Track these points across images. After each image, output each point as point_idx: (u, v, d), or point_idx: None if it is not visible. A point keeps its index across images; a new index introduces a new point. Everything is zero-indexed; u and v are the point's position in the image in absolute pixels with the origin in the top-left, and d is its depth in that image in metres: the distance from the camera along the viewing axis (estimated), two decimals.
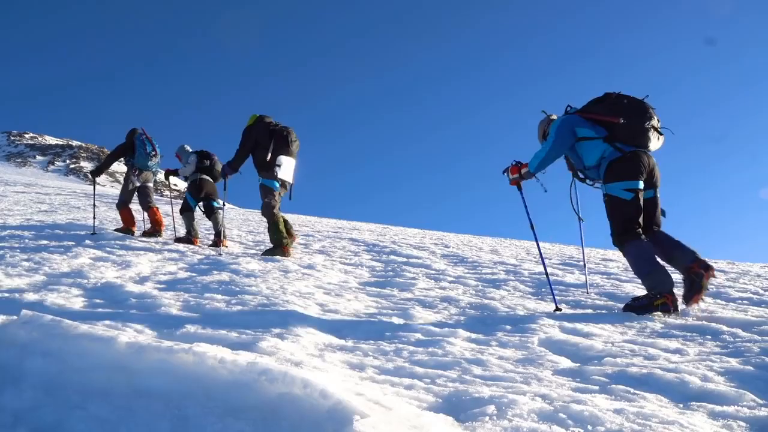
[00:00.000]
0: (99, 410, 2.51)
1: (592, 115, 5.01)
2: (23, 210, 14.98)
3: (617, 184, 4.84)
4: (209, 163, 9.70)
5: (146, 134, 9.77)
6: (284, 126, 8.07)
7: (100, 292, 5.06)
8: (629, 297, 5.52)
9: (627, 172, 4.83)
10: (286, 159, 7.89)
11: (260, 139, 7.90)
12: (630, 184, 4.81)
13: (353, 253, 8.74)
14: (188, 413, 2.46)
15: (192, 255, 7.58)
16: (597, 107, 5.05)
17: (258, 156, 7.96)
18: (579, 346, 3.76)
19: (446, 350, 3.59)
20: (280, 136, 7.90)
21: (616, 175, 4.86)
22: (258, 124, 7.98)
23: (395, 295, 5.41)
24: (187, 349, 2.77)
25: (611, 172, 4.88)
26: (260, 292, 5.19)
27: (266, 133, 7.89)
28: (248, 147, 7.97)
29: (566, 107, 5.27)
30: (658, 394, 2.87)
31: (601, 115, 4.96)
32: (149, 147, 9.66)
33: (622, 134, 4.87)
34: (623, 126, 4.84)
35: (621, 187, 4.82)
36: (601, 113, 4.96)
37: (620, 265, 8.24)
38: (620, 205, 4.83)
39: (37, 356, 2.92)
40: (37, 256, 6.95)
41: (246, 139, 7.97)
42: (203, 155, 9.79)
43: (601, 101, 5.06)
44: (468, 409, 2.55)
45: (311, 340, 3.72)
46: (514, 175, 5.33)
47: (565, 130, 5.00)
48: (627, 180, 4.81)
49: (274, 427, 2.32)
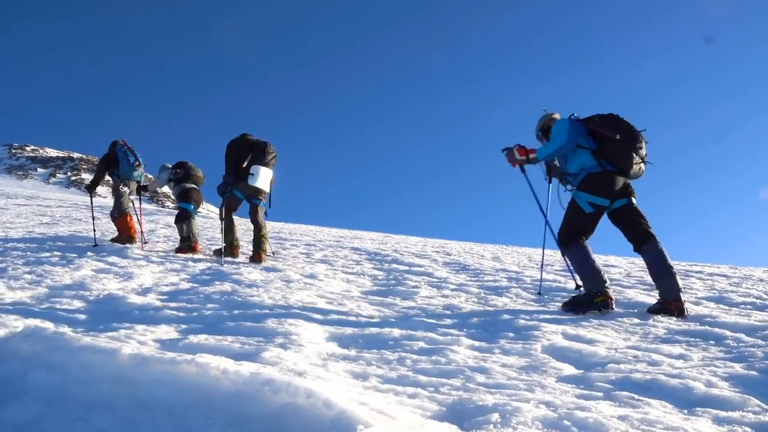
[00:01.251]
0: (102, 422, 2.51)
1: (593, 126, 5.24)
2: (25, 222, 14.99)
3: (586, 195, 5.14)
4: (183, 172, 9.89)
5: (128, 145, 9.99)
6: (263, 141, 8.58)
7: (102, 304, 5.06)
8: (632, 303, 5.52)
9: (600, 188, 5.12)
10: (262, 169, 8.36)
11: (242, 150, 8.41)
12: (597, 199, 5.12)
13: (355, 262, 8.73)
14: (192, 424, 2.46)
15: (194, 266, 7.58)
16: (599, 121, 5.27)
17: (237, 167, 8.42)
18: (582, 352, 3.76)
19: (449, 358, 3.58)
20: (258, 149, 8.43)
21: (589, 186, 5.15)
22: (240, 138, 8.53)
23: (398, 303, 5.40)
24: (190, 360, 2.77)
25: (587, 182, 5.17)
26: (262, 302, 5.18)
27: (246, 147, 8.44)
28: (234, 156, 8.42)
29: (571, 114, 5.45)
30: (662, 400, 2.86)
31: (601, 128, 5.19)
32: (132, 157, 9.91)
33: (610, 152, 5.13)
34: (615, 144, 5.10)
35: (587, 200, 5.14)
36: (603, 127, 5.19)
37: (622, 271, 8.23)
38: (579, 214, 5.19)
39: (40, 369, 2.92)
40: (40, 269, 6.95)
41: (231, 150, 8.46)
42: (177, 166, 10.01)
43: (605, 118, 5.29)
44: (472, 417, 2.55)
45: (314, 349, 3.71)
46: (522, 156, 5.59)
47: (574, 132, 5.21)
48: (596, 195, 5.12)
49: None
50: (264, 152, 8.40)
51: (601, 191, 5.12)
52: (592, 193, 5.13)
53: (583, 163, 5.24)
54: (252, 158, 8.33)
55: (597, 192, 5.12)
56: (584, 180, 5.19)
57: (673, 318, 4.81)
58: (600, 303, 5.02)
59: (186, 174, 9.87)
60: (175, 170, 9.90)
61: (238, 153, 8.37)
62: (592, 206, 5.13)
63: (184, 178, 9.88)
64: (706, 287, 6.75)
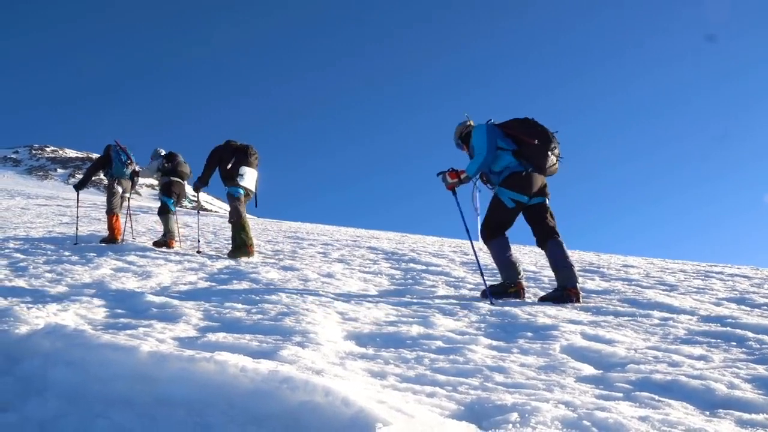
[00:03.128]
0: (122, 419, 2.52)
1: (513, 132, 5.80)
2: (45, 222, 15.16)
3: (508, 192, 5.67)
4: (171, 165, 10.56)
5: (120, 146, 10.70)
6: (246, 144, 9.11)
7: (121, 303, 5.09)
8: (652, 303, 5.47)
9: (520, 185, 5.65)
10: (248, 170, 8.92)
11: (224, 156, 8.95)
12: (517, 196, 5.65)
13: (372, 262, 8.73)
14: (210, 421, 2.46)
15: (212, 265, 7.61)
16: (517, 126, 5.83)
17: (221, 169, 8.97)
18: (601, 352, 3.73)
19: (467, 358, 3.56)
20: (241, 151, 8.97)
21: (511, 184, 5.67)
22: (223, 145, 9.09)
23: (415, 302, 5.39)
24: (209, 357, 2.77)
25: (509, 180, 5.69)
26: (280, 300, 5.19)
27: (230, 151, 8.99)
28: (214, 164, 9.01)
29: (488, 120, 5.97)
30: (683, 401, 2.82)
31: (519, 132, 5.76)
32: (124, 156, 10.61)
33: (528, 153, 5.69)
34: (533, 147, 5.67)
35: (509, 196, 5.66)
36: (521, 132, 5.76)
37: (641, 272, 8.16)
38: (501, 208, 5.72)
39: (60, 366, 2.95)
40: (60, 267, 7.02)
41: (212, 157, 9.00)
42: (166, 157, 10.66)
43: (522, 122, 5.85)
44: (491, 417, 2.53)
45: (332, 348, 3.71)
46: (453, 179, 6.00)
47: (493, 139, 5.74)
48: (517, 192, 5.65)
49: None
50: (246, 154, 8.95)
51: (522, 189, 5.64)
52: (513, 190, 5.64)
53: (507, 162, 5.72)
54: (236, 161, 8.86)
55: (518, 189, 5.63)
56: (507, 178, 5.69)
57: (690, 318, 4.76)
58: (513, 293, 5.65)
59: (173, 168, 10.55)
60: (165, 162, 10.56)
61: (220, 160, 8.93)
62: (514, 202, 5.66)
63: (171, 171, 10.55)
64: (727, 288, 6.68)
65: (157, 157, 10.71)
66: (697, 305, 5.45)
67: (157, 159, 10.67)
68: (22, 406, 2.65)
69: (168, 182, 10.54)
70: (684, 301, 5.64)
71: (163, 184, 10.59)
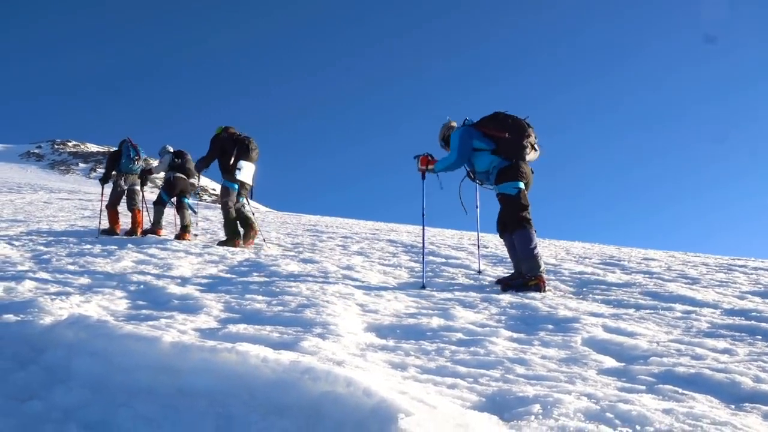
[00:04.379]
0: (144, 408, 2.54)
1: (485, 129, 6.08)
2: (68, 216, 15.31)
3: (506, 185, 5.96)
4: (180, 162, 10.93)
5: (131, 141, 11.03)
6: (246, 135, 9.36)
7: (143, 294, 5.13)
8: (674, 297, 5.42)
9: (512, 175, 5.95)
10: (247, 164, 9.15)
11: (226, 146, 9.16)
12: (515, 183, 5.95)
13: (391, 255, 8.73)
14: (232, 412, 2.47)
15: (232, 257, 7.64)
16: (489, 123, 6.11)
17: (223, 161, 9.17)
18: (623, 345, 3.70)
19: (488, 350, 3.55)
20: (242, 145, 9.18)
21: (504, 178, 5.97)
22: (224, 135, 9.26)
23: (435, 295, 5.38)
24: (230, 348, 2.78)
25: (501, 176, 5.99)
26: (300, 292, 5.20)
27: (231, 142, 9.18)
28: (215, 153, 9.21)
29: (464, 119, 6.29)
30: (707, 395, 2.80)
31: (492, 130, 6.03)
32: (133, 152, 10.97)
33: (505, 148, 6.00)
34: (507, 141, 5.98)
35: (510, 186, 5.95)
36: (492, 128, 6.04)
37: (662, 265, 8.09)
38: (510, 199, 5.95)
39: (84, 356, 2.97)
40: (82, 260, 7.09)
41: (214, 146, 9.20)
42: (176, 154, 11.02)
43: (492, 119, 6.13)
44: (513, 408, 2.52)
45: (352, 339, 3.71)
46: (422, 166, 6.44)
47: (466, 143, 6.08)
48: (512, 180, 5.94)
49: (317, 426, 2.32)
50: (248, 148, 9.19)
51: (515, 177, 5.94)
52: (509, 180, 5.94)
53: (489, 162, 6.07)
54: (237, 154, 9.09)
55: (512, 178, 5.94)
56: (498, 175, 6.00)
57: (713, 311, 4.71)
58: (533, 286, 5.69)
59: (182, 164, 10.94)
60: (175, 158, 10.94)
61: (222, 150, 9.13)
62: (515, 188, 5.93)
63: (179, 168, 10.94)
64: (751, 282, 6.60)
65: (166, 153, 11.11)
66: (720, 298, 5.39)
67: (168, 155, 11.06)
68: (47, 394, 2.68)
69: (172, 178, 10.92)
70: (707, 295, 5.58)
71: (167, 179, 11.01)
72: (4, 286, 5.19)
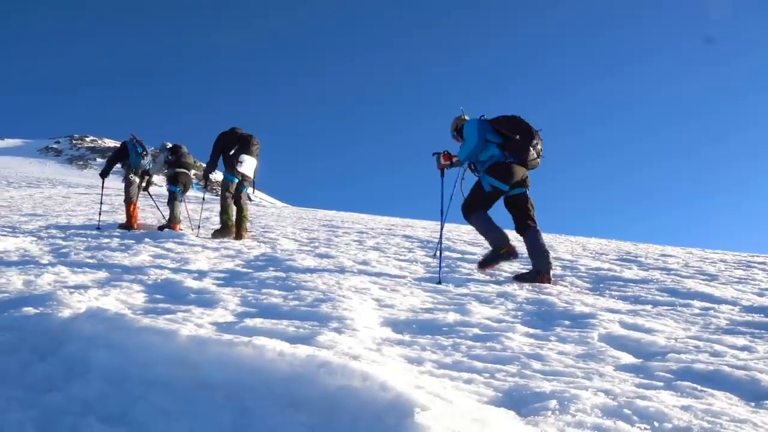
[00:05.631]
0: (162, 401, 2.55)
1: (499, 126, 6.32)
2: (86, 210, 15.45)
3: (489, 179, 6.19)
4: (174, 158, 11.20)
5: (136, 138, 11.41)
6: (249, 134, 9.72)
7: (160, 288, 5.16)
8: (691, 293, 5.38)
9: (501, 174, 6.16)
10: (248, 157, 9.50)
11: (229, 143, 9.59)
12: (497, 183, 6.16)
13: (407, 250, 8.72)
14: (249, 405, 2.48)
15: (248, 252, 7.68)
16: (504, 122, 6.33)
17: (225, 156, 9.65)
18: (641, 341, 3.67)
19: (504, 345, 3.54)
20: (244, 140, 9.59)
21: (493, 172, 6.19)
22: (229, 132, 9.71)
23: (450, 290, 5.37)
24: (247, 342, 2.79)
25: (492, 168, 6.22)
26: (316, 287, 5.21)
27: (233, 139, 9.62)
28: (219, 150, 9.65)
29: (481, 115, 6.48)
30: (726, 392, 2.77)
31: (504, 128, 6.28)
32: (140, 148, 11.25)
33: (512, 146, 6.21)
34: (515, 141, 6.19)
35: (489, 182, 6.18)
36: (506, 127, 6.28)
37: (680, 261, 8.03)
38: (480, 192, 6.27)
39: (102, 348, 2.99)
40: (100, 254, 7.15)
41: (217, 143, 9.65)
42: (171, 150, 11.31)
43: (509, 119, 6.35)
44: (529, 404, 2.51)
45: (368, 334, 3.72)
46: (446, 161, 6.63)
47: (482, 132, 6.28)
48: (497, 180, 6.15)
49: (333, 420, 2.32)
50: (249, 143, 9.56)
51: (502, 177, 6.14)
52: (494, 177, 6.16)
53: (492, 153, 6.26)
54: (238, 149, 9.50)
55: (499, 177, 6.14)
56: (491, 166, 6.22)
57: (732, 308, 4.68)
58: (504, 254, 6.06)
59: (177, 160, 11.20)
60: (170, 154, 11.23)
61: (225, 146, 9.57)
62: (492, 187, 6.17)
63: (175, 163, 11.21)
64: None
65: (163, 150, 11.41)
66: (739, 295, 5.35)
67: (163, 152, 11.34)
68: (66, 386, 2.70)
69: (174, 173, 11.23)
70: (725, 291, 5.54)
71: (170, 176, 11.27)
72: (24, 279, 5.24)
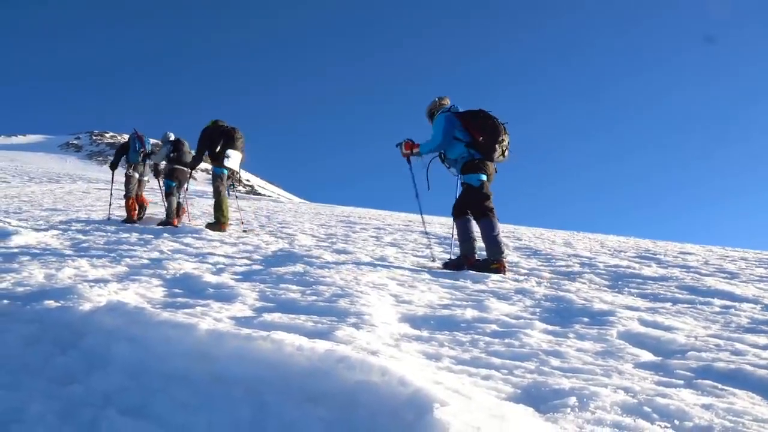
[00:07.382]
0: (181, 394, 2.57)
1: (465, 123, 6.62)
2: (105, 206, 15.58)
3: (471, 176, 6.57)
4: (176, 155, 11.51)
5: (138, 134, 12.03)
6: (232, 126, 10.14)
7: (179, 282, 5.19)
8: (711, 291, 5.33)
9: (476, 168, 6.57)
10: (233, 152, 9.95)
11: (214, 137, 9.97)
12: (479, 175, 6.56)
13: (425, 246, 8.72)
14: (267, 399, 2.48)
15: (266, 247, 7.71)
16: (471, 120, 6.62)
17: (211, 150, 10.04)
18: (660, 339, 3.64)
19: (523, 342, 3.53)
20: (228, 134, 9.98)
21: (469, 169, 6.59)
22: (212, 127, 10.07)
23: (468, 286, 5.35)
24: (266, 336, 2.80)
25: (466, 167, 6.61)
26: (334, 282, 5.22)
27: (218, 133, 10.00)
28: (204, 147, 10.03)
29: (451, 105, 6.82)
30: (748, 391, 2.74)
31: (471, 127, 6.58)
32: (138, 144, 11.84)
33: (478, 146, 6.57)
34: (481, 143, 6.53)
35: (474, 178, 6.55)
36: (472, 126, 6.58)
37: (699, 259, 7.96)
38: (471, 190, 6.56)
39: (122, 342, 3.01)
40: (119, 248, 7.21)
41: (203, 139, 10.02)
42: (174, 145, 11.54)
43: (474, 116, 6.64)
44: (548, 401, 2.50)
45: (386, 329, 3.71)
46: (407, 150, 7.07)
47: (449, 130, 6.62)
48: (477, 173, 6.56)
49: (352, 414, 2.32)
50: (233, 137, 9.97)
51: (479, 170, 6.55)
52: (474, 172, 6.55)
53: (460, 152, 6.63)
54: (224, 143, 9.92)
55: (477, 171, 6.55)
56: (464, 166, 6.61)
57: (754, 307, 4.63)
58: (494, 269, 6.17)
59: (178, 157, 11.45)
60: (172, 150, 11.49)
61: (210, 141, 9.94)
62: (479, 181, 6.51)
63: (175, 160, 11.44)
64: None
65: (166, 142, 11.62)
66: (760, 293, 5.29)
67: (166, 145, 11.57)
68: (87, 379, 2.72)
69: (172, 169, 11.46)
70: (746, 290, 5.48)
71: (168, 170, 11.46)
72: (45, 273, 5.30)
